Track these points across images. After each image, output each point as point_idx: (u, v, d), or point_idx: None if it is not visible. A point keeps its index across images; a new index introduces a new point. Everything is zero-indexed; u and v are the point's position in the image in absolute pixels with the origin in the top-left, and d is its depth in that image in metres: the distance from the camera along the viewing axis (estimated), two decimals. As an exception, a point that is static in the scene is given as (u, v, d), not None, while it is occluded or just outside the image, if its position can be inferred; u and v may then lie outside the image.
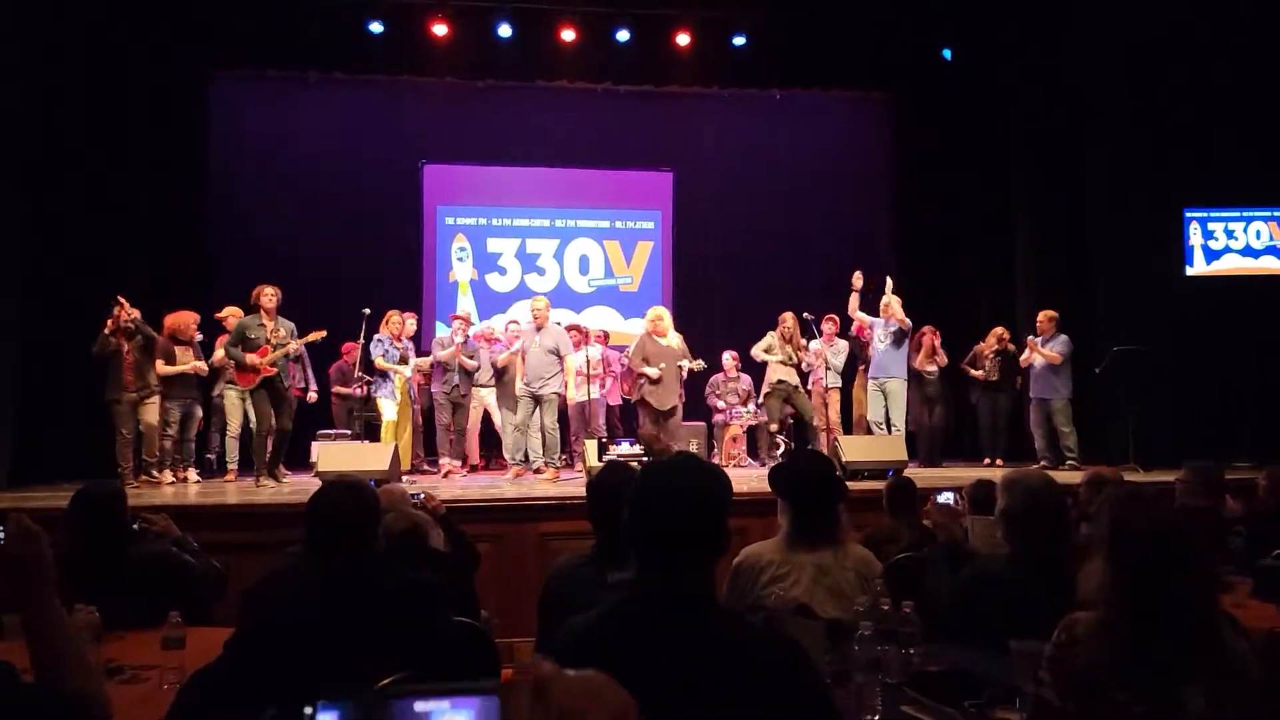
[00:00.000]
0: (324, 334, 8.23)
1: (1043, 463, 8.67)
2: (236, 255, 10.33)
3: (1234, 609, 3.25)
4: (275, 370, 7.74)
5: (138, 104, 9.30)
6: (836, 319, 9.51)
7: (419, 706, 0.58)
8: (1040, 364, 8.92)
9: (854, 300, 9.10)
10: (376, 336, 8.70)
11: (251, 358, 7.63)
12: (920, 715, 2.32)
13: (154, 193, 9.35)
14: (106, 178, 9.00)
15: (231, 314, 8.40)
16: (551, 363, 8.38)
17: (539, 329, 8.45)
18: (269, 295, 7.81)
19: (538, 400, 8.38)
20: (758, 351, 9.23)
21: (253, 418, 8.01)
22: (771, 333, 9.16)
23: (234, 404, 8.20)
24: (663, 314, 9.03)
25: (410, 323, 9.13)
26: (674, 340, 8.81)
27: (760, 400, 9.41)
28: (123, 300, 7.69)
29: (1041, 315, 9.07)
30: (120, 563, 3.42)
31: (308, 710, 0.57)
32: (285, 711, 0.56)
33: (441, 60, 10.58)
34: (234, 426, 8.22)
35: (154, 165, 9.35)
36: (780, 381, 8.94)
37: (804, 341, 9.18)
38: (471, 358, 9.05)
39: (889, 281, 9.09)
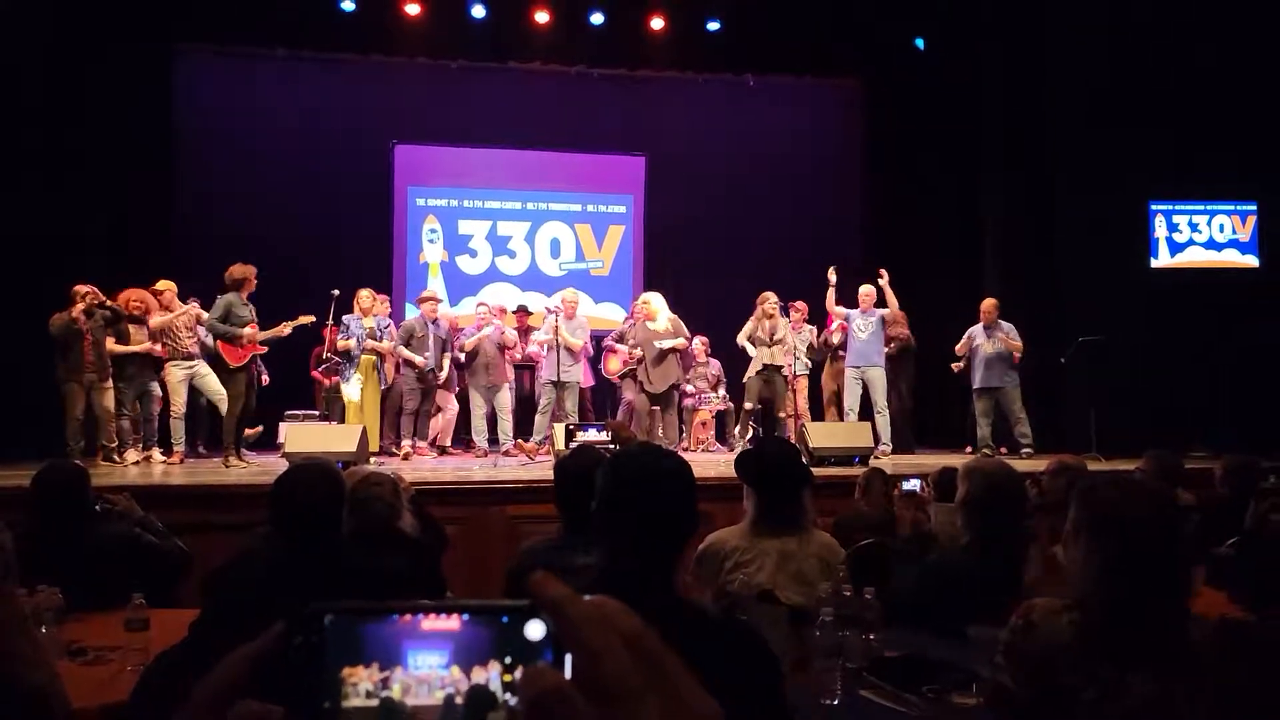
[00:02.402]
0: (314, 319, 8.24)
1: (984, 451, 8.67)
2: (201, 233, 10.17)
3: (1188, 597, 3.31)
4: (265, 349, 7.89)
5: (98, 76, 9.13)
6: (804, 306, 9.53)
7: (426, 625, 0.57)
8: (992, 352, 8.92)
9: (831, 295, 9.12)
10: (345, 317, 8.63)
11: (246, 331, 7.63)
12: (879, 700, 2.36)
13: (115, 168, 9.19)
14: (65, 151, 8.84)
15: (167, 288, 8.22)
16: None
17: (570, 319, 8.67)
18: (254, 280, 7.82)
19: (559, 386, 8.53)
20: (742, 340, 9.19)
21: (211, 388, 7.99)
22: (752, 318, 9.10)
23: (177, 383, 8.05)
24: (649, 299, 9.00)
25: (382, 304, 9.00)
26: (662, 324, 8.78)
27: (744, 379, 9.29)
28: (94, 289, 7.56)
29: (987, 303, 9.01)
30: (82, 543, 3.39)
31: (326, 619, 0.56)
32: (297, 622, 0.54)
33: (413, 40, 10.51)
34: (178, 406, 8.10)
35: (114, 139, 9.18)
36: (765, 366, 8.93)
37: (775, 325, 9.10)
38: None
39: (884, 274, 9.04)
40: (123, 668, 2.63)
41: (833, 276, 9.05)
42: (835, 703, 2.34)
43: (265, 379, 8.81)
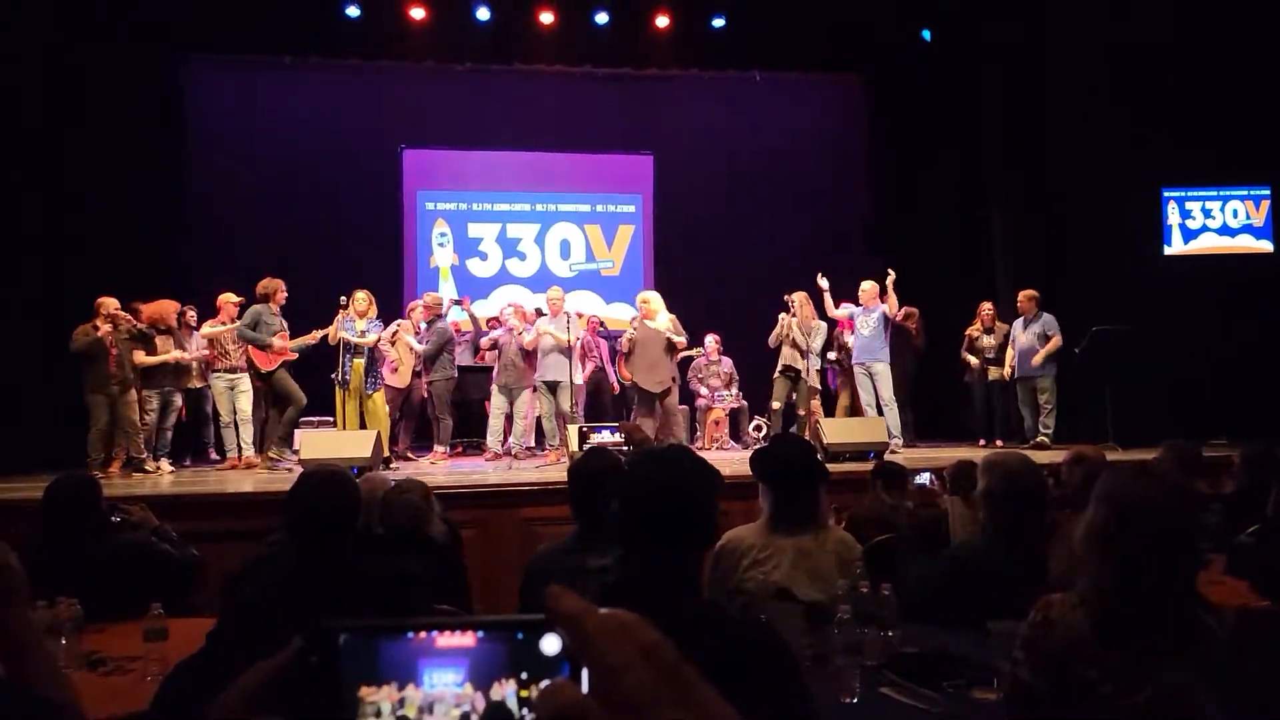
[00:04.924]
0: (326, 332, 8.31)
1: (1044, 438, 8.73)
2: (213, 242, 10.24)
3: (1209, 586, 3.29)
4: (296, 356, 8.08)
5: (107, 85, 9.14)
6: (811, 303, 9.43)
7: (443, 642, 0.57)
8: (1026, 342, 8.94)
9: (828, 300, 9.09)
10: (338, 320, 8.51)
11: (276, 340, 7.84)
12: (899, 697, 2.35)
13: (125, 177, 9.20)
14: (75, 162, 8.88)
15: (227, 300, 8.36)
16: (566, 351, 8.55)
17: (555, 317, 8.54)
18: (284, 292, 8.10)
19: (553, 388, 8.48)
20: (773, 339, 9.09)
21: (241, 405, 8.13)
22: (783, 315, 8.98)
23: (221, 392, 8.18)
24: (649, 297, 8.95)
25: (363, 299, 8.77)
26: (662, 323, 8.72)
27: (775, 374, 9.14)
28: (119, 310, 7.68)
29: (1022, 295, 9.04)
30: (97, 553, 3.40)
31: (341, 638, 0.56)
32: (312, 640, 0.54)
33: (419, 44, 10.51)
34: (225, 414, 8.21)
35: (125, 149, 9.18)
36: (787, 367, 8.86)
37: (812, 323, 8.96)
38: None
39: (891, 273, 8.98)
40: (142, 677, 2.64)
41: (823, 283, 9.01)
42: (855, 700, 2.32)
43: None
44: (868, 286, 9.00)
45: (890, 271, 8.93)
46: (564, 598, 0.51)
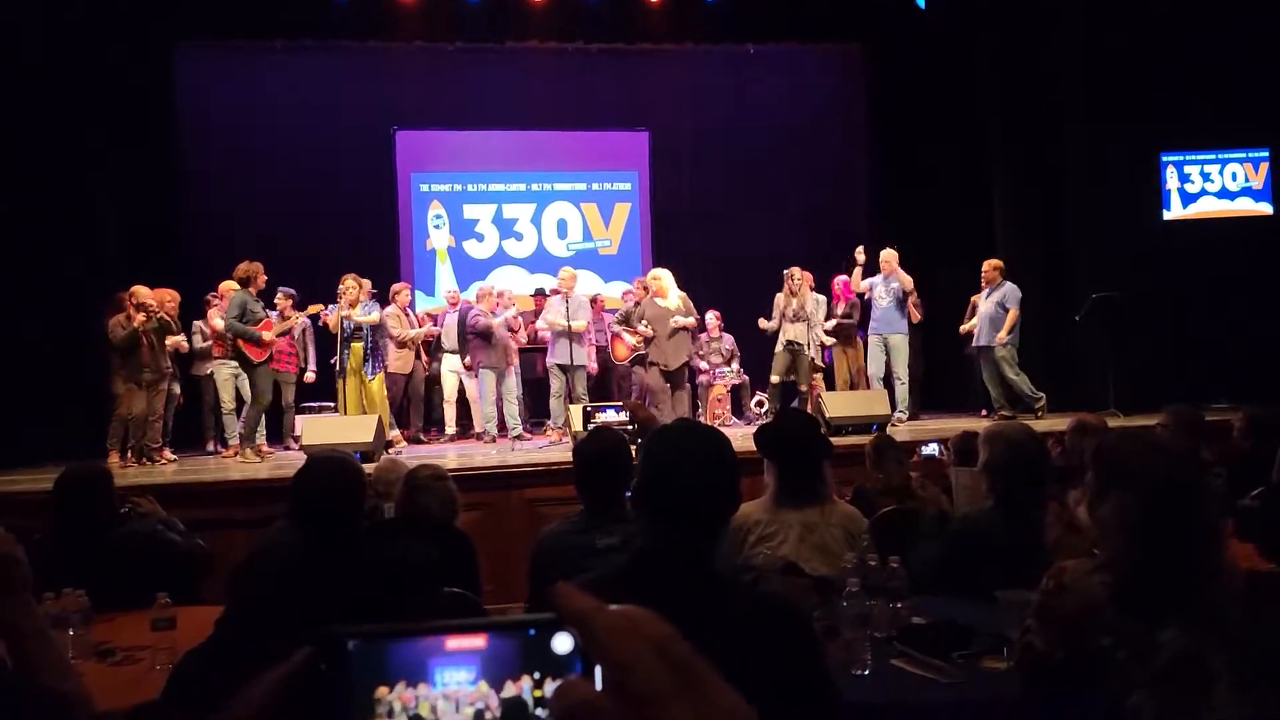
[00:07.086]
0: (323, 307, 8.25)
1: (1002, 413, 8.46)
2: (208, 229, 10.20)
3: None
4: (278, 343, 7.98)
5: (99, 75, 9.06)
6: (810, 275, 9.41)
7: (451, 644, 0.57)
8: (987, 310, 8.72)
9: (857, 275, 9.04)
10: (331, 306, 8.49)
11: (266, 334, 7.66)
12: (909, 668, 2.35)
13: (120, 166, 9.16)
14: (69, 152, 8.83)
15: (228, 289, 8.34)
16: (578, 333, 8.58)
17: (569, 298, 8.52)
18: (263, 275, 7.88)
19: (568, 370, 8.48)
20: (773, 323, 9.02)
21: (245, 392, 8.09)
22: (779, 295, 8.98)
23: (225, 380, 8.19)
24: (660, 275, 8.92)
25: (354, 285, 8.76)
26: (673, 301, 8.70)
27: (775, 347, 9.12)
28: (155, 300, 7.66)
29: (987, 264, 8.84)
30: (106, 544, 3.40)
31: (350, 644, 0.56)
32: (321, 648, 0.54)
33: (410, 24, 10.41)
34: (227, 402, 8.21)
35: (119, 138, 9.13)
36: (790, 341, 8.84)
37: (801, 299, 8.93)
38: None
39: (894, 252, 8.96)
40: (151, 666, 2.65)
41: (860, 256, 8.95)
42: (865, 672, 2.33)
43: (311, 375, 8.85)
44: (888, 254, 8.90)
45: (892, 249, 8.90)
46: (573, 596, 0.51)
